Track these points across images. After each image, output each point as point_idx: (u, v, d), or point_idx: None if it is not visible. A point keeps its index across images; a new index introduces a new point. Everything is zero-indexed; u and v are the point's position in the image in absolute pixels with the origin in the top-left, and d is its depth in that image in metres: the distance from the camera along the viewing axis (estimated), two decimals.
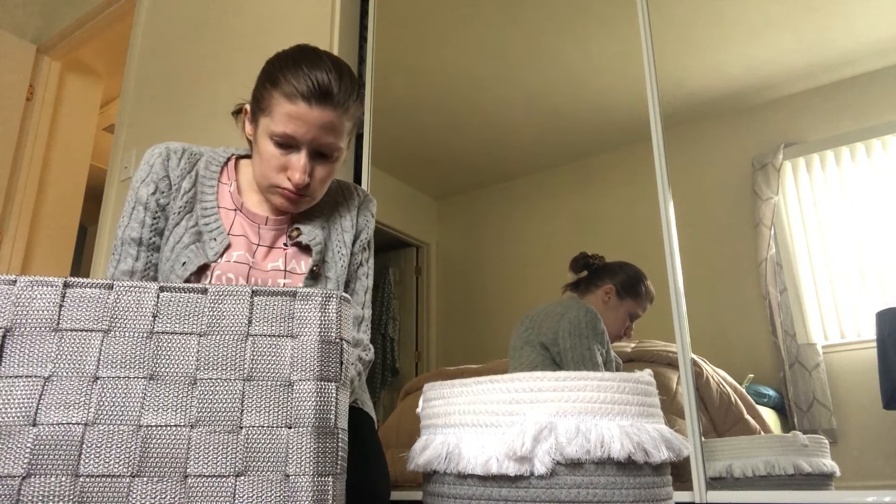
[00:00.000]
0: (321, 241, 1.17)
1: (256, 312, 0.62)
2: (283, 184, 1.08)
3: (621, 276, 1.62)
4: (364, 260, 1.25)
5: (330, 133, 1.06)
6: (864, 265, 1.33)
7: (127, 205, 1.15)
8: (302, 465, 0.58)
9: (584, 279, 1.68)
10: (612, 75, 1.77)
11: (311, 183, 1.09)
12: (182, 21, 2.76)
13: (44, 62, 3.53)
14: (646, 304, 1.57)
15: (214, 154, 1.21)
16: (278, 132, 1.05)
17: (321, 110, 1.04)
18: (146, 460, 0.56)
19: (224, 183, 1.19)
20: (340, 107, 1.06)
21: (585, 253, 1.68)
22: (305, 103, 1.03)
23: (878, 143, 1.37)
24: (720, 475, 1.35)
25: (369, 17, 2.22)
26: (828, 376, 1.33)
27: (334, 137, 1.07)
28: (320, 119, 1.04)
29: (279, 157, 1.07)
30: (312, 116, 1.03)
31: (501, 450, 0.81)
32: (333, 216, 1.23)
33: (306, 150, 1.06)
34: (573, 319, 1.56)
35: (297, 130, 1.04)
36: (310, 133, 1.04)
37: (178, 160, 1.16)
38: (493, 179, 1.96)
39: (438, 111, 2.14)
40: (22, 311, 0.59)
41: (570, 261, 1.69)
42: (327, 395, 0.61)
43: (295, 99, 1.03)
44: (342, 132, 1.08)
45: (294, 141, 1.05)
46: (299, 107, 1.03)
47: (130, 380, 0.59)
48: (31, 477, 0.54)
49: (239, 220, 1.17)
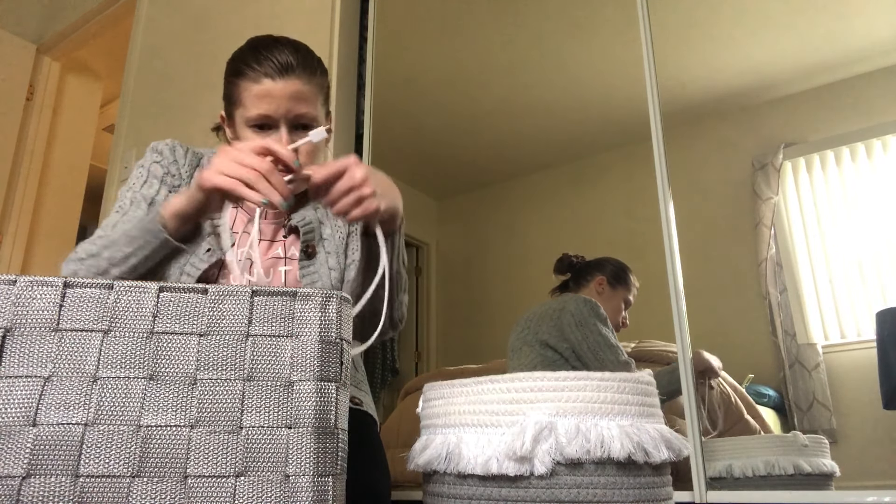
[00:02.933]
0: (311, 221, 1.18)
1: (256, 312, 0.62)
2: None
3: (609, 267, 1.65)
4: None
5: (301, 102, 1.07)
6: (864, 265, 1.33)
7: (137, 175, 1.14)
8: (302, 465, 0.58)
9: (571, 279, 1.70)
10: (612, 75, 1.77)
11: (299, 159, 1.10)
12: (182, 21, 2.76)
13: (44, 62, 3.52)
14: (634, 291, 1.60)
15: (211, 154, 1.22)
16: (252, 116, 1.06)
17: (286, 81, 1.05)
18: (146, 460, 0.56)
19: None
20: (305, 75, 1.07)
21: (568, 254, 1.71)
22: (270, 80, 1.05)
23: (878, 143, 1.37)
24: (720, 475, 1.35)
25: (369, 17, 2.22)
26: (828, 376, 1.33)
27: (307, 106, 1.08)
28: (288, 89, 1.05)
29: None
30: (279, 89, 1.05)
31: (501, 450, 0.81)
32: None
33: (285, 125, 1.07)
34: (574, 311, 1.57)
35: (269, 107, 1.05)
36: (282, 106, 1.06)
37: (184, 153, 1.19)
38: (493, 179, 1.96)
39: (438, 111, 2.14)
40: (22, 311, 0.59)
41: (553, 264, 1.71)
42: (327, 395, 0.61)
43: (260, 79, 1.05)
44: (314, 101, 1.09)
45: (270, 119, 1.07)
46: (265, 84, 1.05)
47: (130, 380, 0.59)
48: (31, 477, 0.54)
49: (240, 216, 1.19)
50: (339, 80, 2.08)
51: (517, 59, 1.97)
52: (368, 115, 2.10)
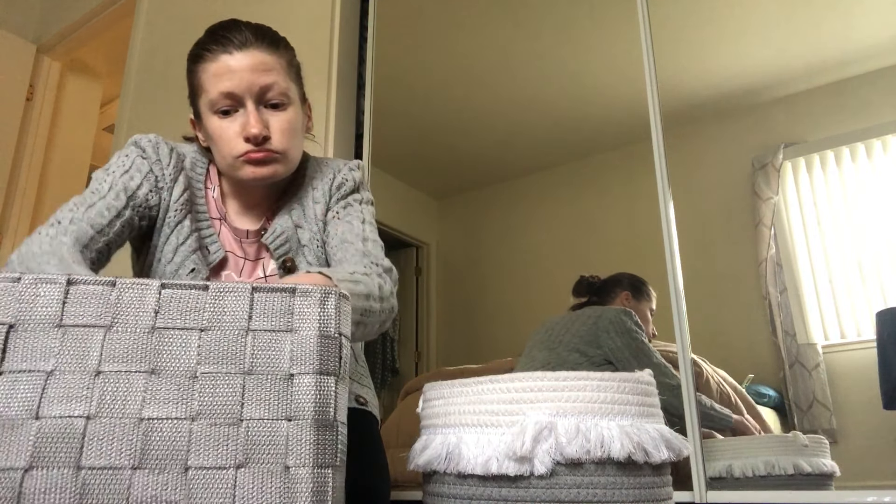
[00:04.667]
0: (283, 232, 1.08)
1: (256, 308, 0.63)
2: (243, 147, 1.01)
3: (627, 281, 1.63)
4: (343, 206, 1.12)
5: (265, 73, 1.00)
6: (864, 265, 1.34)
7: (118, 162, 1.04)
8: (302, 456, 0.59)
9: (595, 297, 1.67)
10: (612, 75, 1.77)
11: (273, 136, 1.02)
12: (182, 21, 2.77)
13: (44, 62, 3.53)
14: (653, 302, 1.59)
15: (196, 155, 1.14)
16: (214, 97, 1.00)
17: (244, 53, 1.00)
18: (147, 453, 0.56)
19: (208, 188, 1.13)
20: (265, 45, 1.02)
21: (584, 276, 1.69)
22: (228, 55, 1.00)
23: (878, 143, 1.37)
24: (720, 475, 1.35)
25: (369, 17, 2.22)
26: (828, 376, 1.33)
27: (272, 77, 1.01)
28: (247, 61, 1.00)
29: (229, 126, 1.01)
30: (236, 61, 0.99)
31: (501, 450, 0.81)
32: (306, 194, 1.14)
33: (251, 101, 1.00)
34: (615, 320, 1.55)
35: (231, 83, 0.99)
36: (244, 80, 0.99)
37: (168, 152, 1.08)
38: (493, 179, 1.96)
39: (438, 111, 2.15)
40: (26, 307, 0.59)
41: (581, 268, 1.70)
42: (326, 388, 0.62)
43: (217, 57, 1.00)
44: (280, 70, 1.02)
45: (234, 97, 1.00)
46: (224, 61, 0.99)
47: (132, 374, 0.59)
48: (34, 469, 0.54)
49: (225, 232, 1.11)
50: (339, 80, 2.09)
51: (517, 60, 1.97)
52: (368, 115, 2.10)
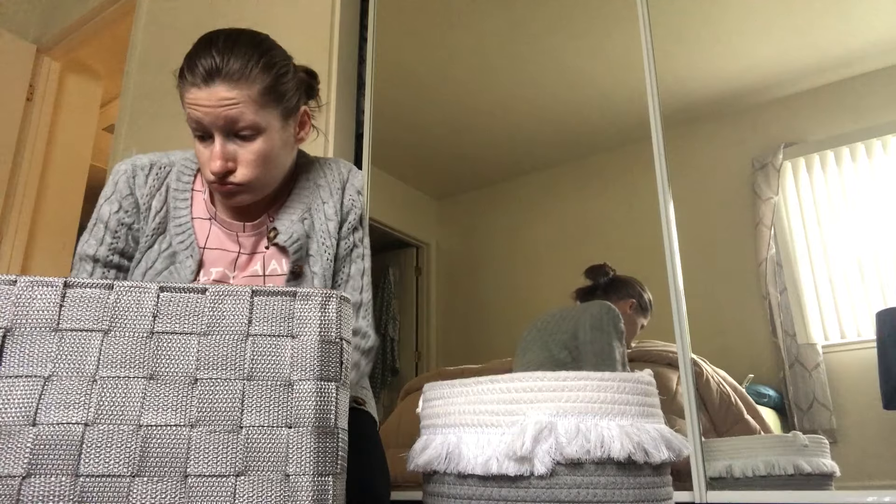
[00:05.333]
0: (299, 238, 1.11)
1: (256, 312, 0.62)
2: (211, 177, 1.03)
3: (638, 290, 1.63)
4: (357, 241, 1.18)
5: (231, 108, 1.01)
6: (864, 265, 1.33)
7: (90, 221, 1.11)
8: (302, 464, 0.58)
9: (602, 289, 1.68)
10: (612, 75, 1.77)
11: (238, 169, 1.03)
12: (182, 21, 2.76)
13: (44, 62, 3.53)
14: (648, 318, 1.60)
15: (186, 161, 1.16)
16: (190, 122, 1.03)
17: (210, 89, 1.00)
18: (146, 460, 0.56)
19: (198, 191, 1.14)
20: (230, 80, 1.01)
21: (606, 264, 1.68)
22: (196, 88, 1.01)
23: (878, 143, 1.37)
24: (720, 475, 1.35)
25: (369, 17, 2.22)
26: (828, 376, 1.33)
27: (237, 110, 1.01)
28: (212, 97, 1.00)
29: (203, 151, 1.04)
30: (204, 97, 1.00)
31: (501, 450, 0.81)
32: (315, 203, 1.16)
33: (218, 133, 1.02)
34: (595, 314, 1.56)
35: (198, 114, 1.01)
36: (210, 114, 1.01)
37: (144, 177, 1.11)
38: (493, 179, 1.96)
39: (438, 111, 2.14)
40: (22, 311, 0.59)
41: (585, 268, 1.69)
42: (327, 394, 0.61)
43: (188, 88, 1.01)
44: (247, 103, 1.02)
45: (203, 128, 1.02)
46: (193, 93, 1.01)
47: (130, 379, 0.59)
48: (31, 477, 0.54)
49: (215, 230, 1.12)
50: (339, 80, 2.08)
51: (517, 60, 1.97)
52: (368, 115, 2.10)
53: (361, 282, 1.16)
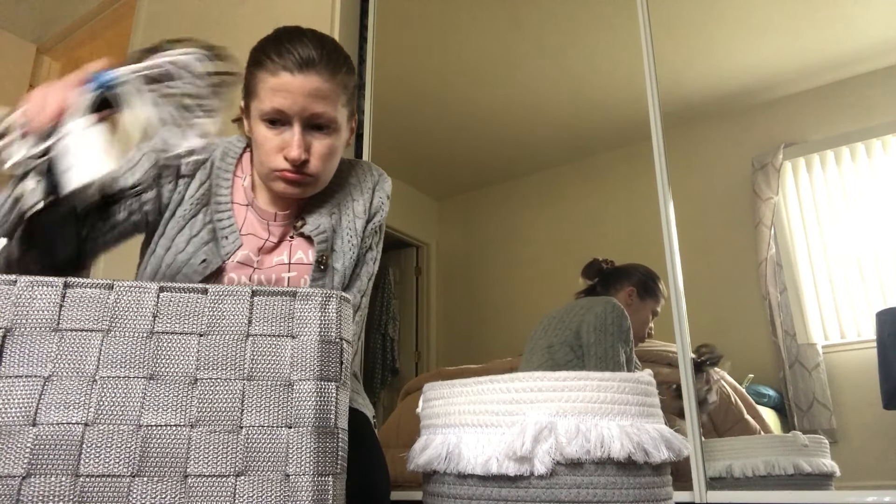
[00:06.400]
0: (325, 230, 1.12)
1: (256, 312, 0.62)
2: (281, 165, 1.04)
3: (638, 276, 1.62)
4: (374, 244, 1.19)
5: (319, 101, 1.02)
6: (864, 265, 1.33)
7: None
8: (302, 464, 0.58)
9: (600, 284, 1.67)
10: (612, 75, 1.77)
11: (311, 160, 1.05)
12: (182, 21, 2.76)
13: (44, 62, 3.53)
14: (662, 301, 1.57)
15: (230, 145, 1.17)
16: (266, 109, 1.02)
17: (305, 77, 1.01)
18: (146, 460, 0.56)
19: (238, 176, 1.16)
20: (326, 72, 1.03)
21: (597, 259, 1.67)
22: (289, 73, 1.01)
23: (878, 143, 1.37)
24: (720, 475, 1.35)
25: (369, 17, 2.22)
26: (828, 376, 1.33)
27: (325, 106, 1.03)
28: (305, 86, 1.01)
29: (273, 138, 1.04)
30: (297, 84, 1.01)
31: (501, 450, 0.81)
32: (345, 200, 1.18)
33: (298, 123, 1.03)
34: (599, 314, 1.55)
35: (284, 102, 1.01)
36: (297, 103, 1.01)
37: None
38: (494, 179, 1.96)
39: (438, 111, 2.14)
40: (22, 311, 0.59)
41: (582, 267, 1.68)
42: (327, 394, 0.61)
43: (278, 72, 1.01)
44: (334, 100, 1.04)
45: (284, 115, 1.02)
46: (283, 78, 1.01)
47: (130, 379, 0.59)
48: (31, 477, 0.54)
49: (250, 216, 1.14)
50: None
51: (517, 60, 1.97)
52: (368, 115, 2.10)
53: (367, 285, 1.17)
